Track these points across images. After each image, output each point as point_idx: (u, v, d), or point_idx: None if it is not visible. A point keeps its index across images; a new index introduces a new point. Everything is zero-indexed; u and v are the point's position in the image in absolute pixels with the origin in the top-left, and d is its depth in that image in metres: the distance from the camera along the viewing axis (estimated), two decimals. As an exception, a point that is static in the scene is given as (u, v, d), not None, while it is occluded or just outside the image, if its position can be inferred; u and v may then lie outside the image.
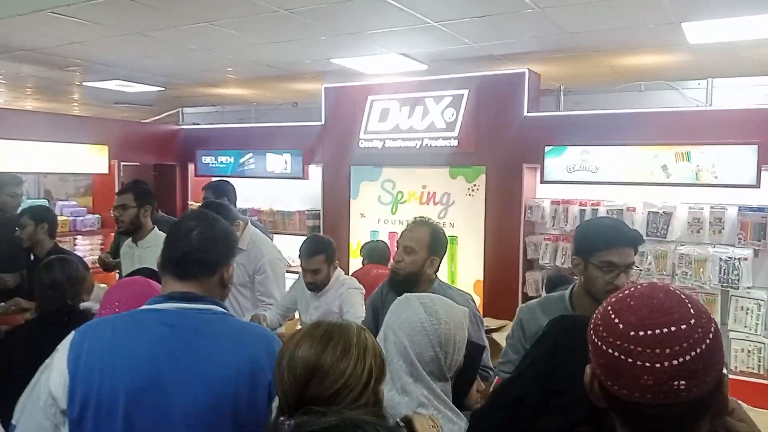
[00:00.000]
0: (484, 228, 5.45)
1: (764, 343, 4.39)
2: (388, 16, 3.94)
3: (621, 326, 0.95)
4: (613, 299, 1.01)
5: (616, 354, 0.94)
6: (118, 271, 4.26)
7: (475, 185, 5.53)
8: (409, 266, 2.56)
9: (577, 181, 5.01)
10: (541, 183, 5.23)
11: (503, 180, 5.37)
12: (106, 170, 6.55)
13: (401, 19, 4.02)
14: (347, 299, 3.31)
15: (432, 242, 2.59)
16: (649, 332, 0.92)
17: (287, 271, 3.99)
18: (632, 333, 0.93)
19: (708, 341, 0.91)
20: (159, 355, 1.41)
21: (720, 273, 4.45)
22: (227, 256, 1.57)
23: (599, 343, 0.98)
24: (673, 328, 0.91)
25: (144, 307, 1.53)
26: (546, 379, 1.37)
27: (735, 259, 4.42)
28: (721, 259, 4.46)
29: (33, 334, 2.55)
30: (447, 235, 2.77)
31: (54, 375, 1.41)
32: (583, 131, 5.04)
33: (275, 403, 1.36)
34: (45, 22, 4.07)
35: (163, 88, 6.89)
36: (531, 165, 5.28)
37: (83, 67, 5.79)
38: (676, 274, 4.61)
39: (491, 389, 2.18)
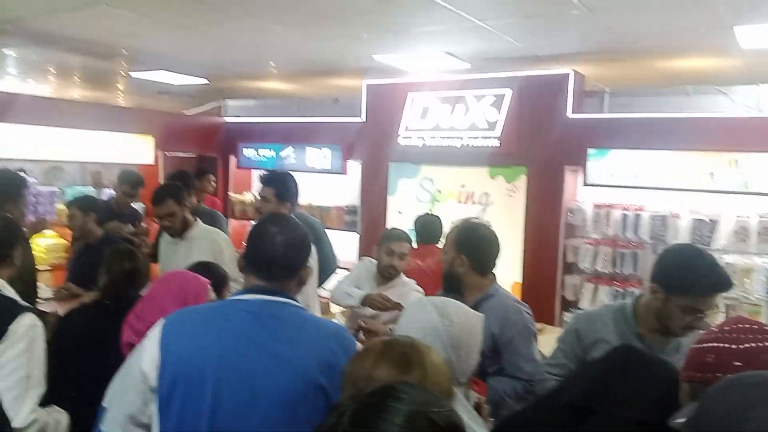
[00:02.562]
0: (524, 229, 5.41)
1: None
2: (433, 15, 3.91)
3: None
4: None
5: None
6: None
7: (515, 186, 5.49)
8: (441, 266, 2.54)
9: (620, 185, 4.93)
10: (583, 186, 5.16)
11: (544, 181, 5.31)
12: (152, 161, 6.66)
13: (446, 18, 3.98)
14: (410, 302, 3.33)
15: (457, 239, 2.51)
16: None
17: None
18: None
19: None
20: (244, 340, 1.52)
21: (767, 283, 4.35)
22: (304, 259, 1.67)
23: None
24: None
25: (230, 298, 1.67)
26: (593, 396, 1.39)
27: (783, 269, 4.30)
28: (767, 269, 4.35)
29: (90, 319, 2.64)
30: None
31: (146, 355, 1.53)
32: (628, 134, 4.95)
33: None
34: (98, 15, 4.16)
35: (207, 81, 6.99)
36: (573, 167, 5.22)
37: (130, 57, 5.91)
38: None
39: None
